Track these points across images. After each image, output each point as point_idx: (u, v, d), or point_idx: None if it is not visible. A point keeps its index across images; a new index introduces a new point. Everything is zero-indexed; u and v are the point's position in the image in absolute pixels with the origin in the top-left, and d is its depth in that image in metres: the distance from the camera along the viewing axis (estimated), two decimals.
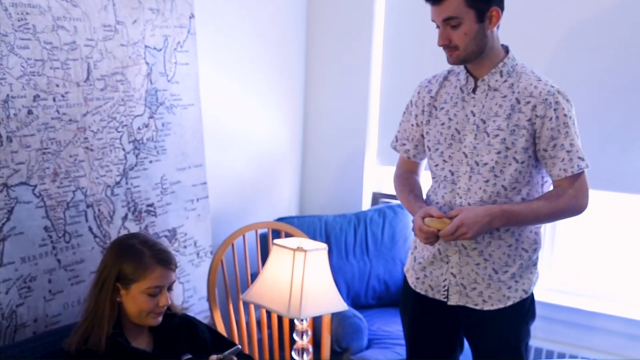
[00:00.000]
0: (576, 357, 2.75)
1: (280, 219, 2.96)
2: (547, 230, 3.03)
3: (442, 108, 1.92)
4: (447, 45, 1.80)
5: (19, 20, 1.91)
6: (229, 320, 2.60)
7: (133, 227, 2.29)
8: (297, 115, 3.44)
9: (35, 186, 1.97)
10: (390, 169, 3.35)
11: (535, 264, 1.93)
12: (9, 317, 1.92)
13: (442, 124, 1.91)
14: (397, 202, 3.28)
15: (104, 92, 2.18)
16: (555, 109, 1.79)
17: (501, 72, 1.84)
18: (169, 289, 1.82)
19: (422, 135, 2.00)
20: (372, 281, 3.05)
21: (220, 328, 2.53)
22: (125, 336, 1.79)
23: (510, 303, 1.90)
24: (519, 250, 1.89)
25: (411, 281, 2.04)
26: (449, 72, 1.97)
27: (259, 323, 2.70)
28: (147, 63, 2.32)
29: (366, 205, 3.42)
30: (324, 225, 3.04)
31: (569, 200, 1.81)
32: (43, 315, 2.01)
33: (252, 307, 2.62)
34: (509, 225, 1.83)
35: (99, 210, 2.18)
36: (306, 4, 3.37)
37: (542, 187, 1.90)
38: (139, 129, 2.31)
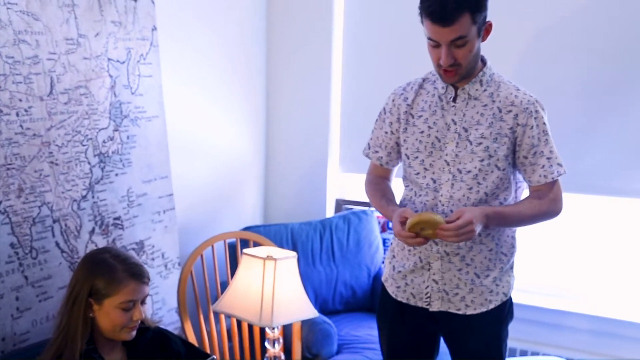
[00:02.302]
0: (547, 355, 2.83)
1: (247, 228, 2.97)
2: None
3: (420, 116, 1.93)
4: (452, 64, 1.77)
5: None
6: (200, 330, 2.60)
7: (100, 241, 2.27)
8: (259, 125, 3.46)
9: (0, 202, 1.94)
10: (353, 175, 3.43)
11: (512, 267, 1.98)
12: None
13: (422, 132, 1.92)
14: (361, 208, 3.33)
15: (67, 106, 2.16)
16: (535, 118, 1.84)
17: (481, 81, 1.87)
18: (142, 302, 1.81)
19: (397, 143, 2.01)
20: (339, 287, 3.09)
21: (192, 339, 2.52)
22: (99, 352, 1.78)
23: (492, 306, 1.94)
24: (499, 254, 1.93)
25: (391, 290, 2.03)
26: (423, 80, 1.98)
27: (229, 332, 2.70)
28: (110, 76, 2.31)
29: (330, 212, 3.45)
30: (290, 233, 3.06)
31: (549, 203, 1.87)
32: (11, 334, 1.97)
33: (222, 316, 2.62)
34: (498, 225, 1.86)
35: (65, 225, 2.15)
36: (266, 16, 3.39)
37: (516, 193, 1.95)
38: (104, 142, 2.29)
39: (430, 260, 1.93)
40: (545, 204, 1.87)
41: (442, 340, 2.09)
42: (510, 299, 2.00)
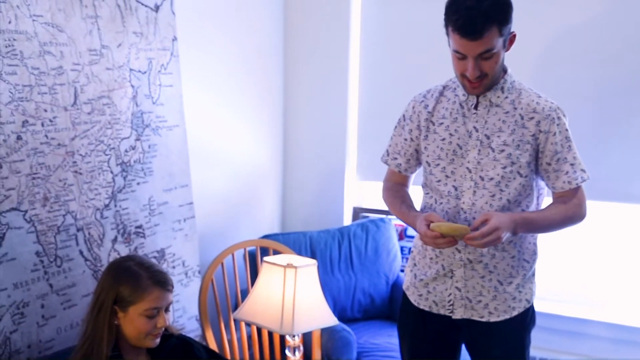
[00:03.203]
0: None
1: (266, 236, 2.98)
2: None
3: (442, 123, 1.93)
4: (478, 76, 1.78)
5: (6, 47, 1.92)
6: (221, 338, 2.61)
7: (123, 249, 2.29)
8: (277, 134, 3.48)
9: (26, 211, 1.97)
10: (370, 184, 3.44)
11: (534, 274, 1.99)
12: (3, 344, 1.90)
13: (443, 139, 1.92)
14: (379, 216, 3.33)
15: (91, 116, 2.19)
16: (558, 124, 1.85)
17: (502, 88, 1.87)
18: (166, 310, 1.83)
19: (416, 150, 2.02)
20: (357, 295, 3.09)
21: (213, 346, 2.53)
22: (124, 359, 1.79)
23: (515, 313, 1.94)
24: (521, 261, 1.93)
25: (413, 298, 2.03)
26: (444, 87, 1.98)
27: (249, 340, 2.71)
28: (132, 86, 2.34)
29: (347, 220, 3.46)
30: (309, 241, 3.07)
31: (574, 208, 1.88)
32: (37, 341, 2.00)
33: (242, 324, 2.63)
34: (527, 232, 1.86)
35: (89, 233, 2.18)
36: (283, 25, 3.42)
37: (538, 200, 1.95)
38: (126, 151, 2.32)
39: (453, 268, 1.93)
40: (571, 209, 1.87)
41: (463, 349, 2.09)
42: (533, 305, 2.00)
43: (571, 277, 3.08)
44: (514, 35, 1.82)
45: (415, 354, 2.06)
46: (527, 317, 1.98)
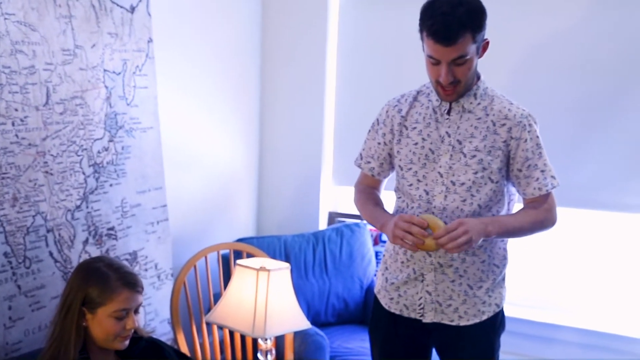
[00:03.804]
0: None
1: (240, 240, 2.98)
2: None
3: (415, 128, 1.95)
4: (451, 82, 1.80)
5: None
6: (193, 341, 2.60)
7: (94, 251, 2.27)
8: (253, 137, 3.48)
9: None
10: (346, 188, 3.44)
11: (504, 279, 2.00)
12: None
13: (415, 143, 1.93)
14: (354, 221, 3.34)
15: (63, 116, 2.17)
16: (529, 131, 1.87)
17: (475, 94, 1.89)
18: (136, 311, 1.81)
19: (389, 154, 2.03)
20: (331, 299, 3.09)
21: (184, 350, 2.51)
22: None
23: (485, 317, 1.95)
24: (491, 266, 1.94)
25: (384, 302, 2.04)
26: (418, 92, 2.00)
27: (221, 343, 2.69)
28: (106, 87, 2.32)
29: (322, 224, 3.47)
30: (284, 245, 3.07)
31: (545, 214, 1.90)
32: (3, 343, 1.97)
33: (215, 327, 2.62)
34: (499, 235, 1.86)
35: (59, 234, 2.15)
36: (261, 28, 3.43)
37: (509, 205, 1.97)
38: (98, 152, 2.30)
39: (423, 272, 1.94)
40: (542, 214, 1.90)
41: (434, 353, 2.10)
42: (502, 310, 2.02)
43: (541, 282, 3.12)
44: (487, 42, 1.85)
45: (386, 357, 2.07)
46: (497, 322, 1.99)
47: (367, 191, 2.11)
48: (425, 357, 2.08)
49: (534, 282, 3.13)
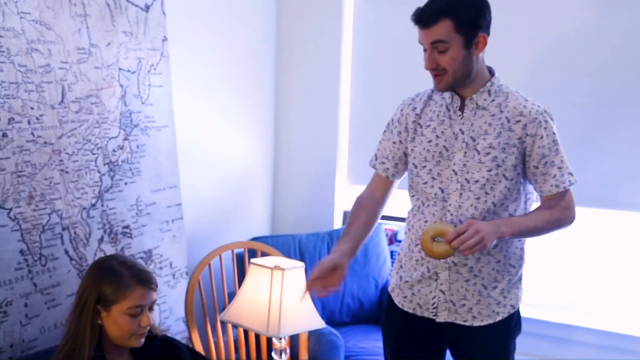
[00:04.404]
0: None
1: (255, 239, 2.97)
2: None
3: (429, 126, 1.94)
4: (435, 68, 1.83)
5: None
6: (207, 340, 2.60)
7: (109, 249, 2.28)
8: (268, 136, 3.47)
9: (11, 209, 1.95)
10: (361, 187, 3.39)
11: (520, 280, 1.97)
12: None
13: (429, 141, 1.92)
14: None
15: (78, 115, 2.18)
16: (545, 128, 1.84)
17: (489, 91, 1.88)
18: (150, 309, 1.81)
19: (405, 154, 2.01)
20: (346, 299, 3.08)
21: (199, 349, 2.52)
22: (107, 359, 1.77)
23: (499, 318, 1.92)
24: (506, 266, 1.92)
25: (398, 300, 2.03)
26: (432, 90, 1.98)
27: (236, 342, 2.69)
28: (121, 85, 2.33)
29: (337, 223, 3.45)
30: (298, 244, 3.06)
31: (562, 212, 1.87)
32: (19, 340, 1.98)
33: (229, 326, 2.61)
34: (514, 235, 1.83)
35: (74, 232, 2.16)
36: (276, 26, 3.42)
37: (526, 204, 1.94)
38: (113, 151, 2.31)
39: (437, 271, 1.92)
40: (558, 212, 1.87)
41: (448, 354, 2.08)
42: (518, 311, 1.99)
43: (559, 283, 3.08)
44: (483, 38, 1.82)
45: (398, 354, 2.06)
46: (512, 323, 1.96)
47: (359, 205, 2.06)
48: (439, 357, 2.06)
49: (550, 282, 3.09)
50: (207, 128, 3.00)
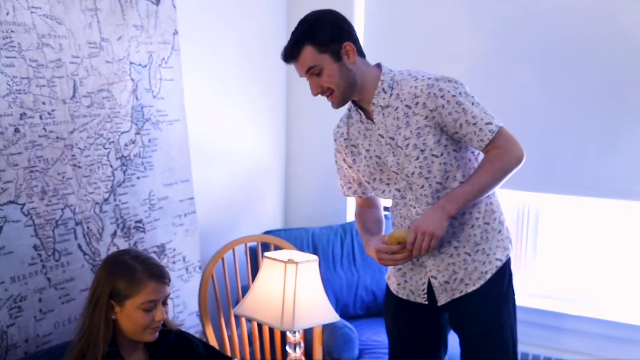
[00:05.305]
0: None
1: (268, 232, 2.96)
2: (528, 235, 3.09)
3: (358, 144, 2.01)
4: (322, 92, 1.92)
5: (3, 39, 1.90)
6: (221, 334, 2.59)
7: (122, 244, 2.28)
8: (280, 129, 3.46)
9: (24, 204, 1.96)
10: None
11: (499, 230, 1.99)
12: (0, 338, 1.89)
13: (365, 157, 2.00)
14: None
15: (90, 109, 2.17)
16: (442, 96, 1.86)
17: (383, 89, 1.93)
18: (164, 303, 1.81)
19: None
20: (360, 291, 3.07)
21: (213, 342, 2.52)
22: (121, 354, 1.77)
23: (489, 276, 1.97)
24: (482, 225, 1.96)
25: (393, 287, 2.11)
26: (349, 110, 2.06)
27: (250, 336, 2.69)
28: (132, 79, 2.32)
29: (350, 216, 3.44)
30: (311, 237, 3.05)
31: (500, 158, 1.87)
32: (34, 335, 1.98)
33: (243, 320, 2.61)
34: (464, 207, 1.88)
35: (87, 227, 2.16)
36: (287, 19, 3.40)
37: (478, 160, 1.97)
38: (125, 145, 2.30)
39: (423, 260, 1.99)
40: (497, 161, 1.87)
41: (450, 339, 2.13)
42: (507, 266, 2.01)
43: (573, 274, 3.05)
44: (350, 46, 1.88)
45: (397, 338, 2.14)
46: (503, 277, 1.99)
47: (360, 212, 2.17)
48: (437, 339, 2.11)
49: (563, 274, 3.07)
50: (218, 121, 2.98)
